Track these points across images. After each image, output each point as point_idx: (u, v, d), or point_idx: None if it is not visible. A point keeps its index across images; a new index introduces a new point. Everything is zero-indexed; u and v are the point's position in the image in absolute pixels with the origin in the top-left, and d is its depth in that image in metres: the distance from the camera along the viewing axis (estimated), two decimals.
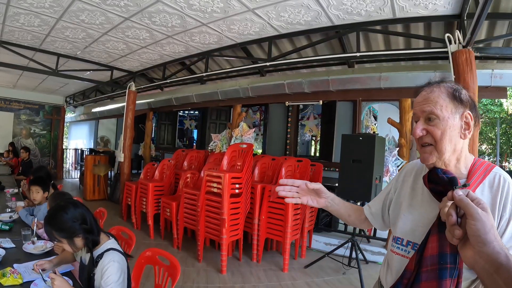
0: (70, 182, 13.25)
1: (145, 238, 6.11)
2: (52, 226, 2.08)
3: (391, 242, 1.51)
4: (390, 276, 1.46)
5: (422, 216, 1.40)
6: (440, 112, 1.30)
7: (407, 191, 1.53)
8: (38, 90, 12.49)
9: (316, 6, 4.38)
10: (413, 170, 1.59)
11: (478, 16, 3.18)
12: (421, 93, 1.39)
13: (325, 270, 5.06)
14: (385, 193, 1.70)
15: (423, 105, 1.34)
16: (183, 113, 13.02)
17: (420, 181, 1.47)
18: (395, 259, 1.44)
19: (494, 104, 18.79)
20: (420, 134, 1.33)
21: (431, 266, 1.21)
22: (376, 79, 5.43)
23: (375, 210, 1.74)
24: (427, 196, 1.41)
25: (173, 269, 2.26)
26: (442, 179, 1.24)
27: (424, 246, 1.26)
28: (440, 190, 1.26)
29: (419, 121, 1.35)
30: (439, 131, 1.30)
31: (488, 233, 0.85)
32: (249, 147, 5.47)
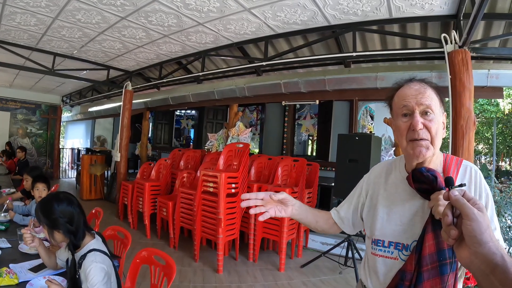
0: (67, 182, 13.23)
1: (141, 238, 6.10)
2: (41, 209, 2.13)
3: (370, 245, 1.51)
4: (376, 279, 1.46)
5: (400, 215, 1.41)
6: (435, 108, 1.33)
7: (379, 193, 1.53)
8: (35, 90, 12.46)
9: (312, 6, 4.38)
10: (382, 172, 1.60)
11: (474, 16, 3.19)
12: (410, 87, 1.38)
13: (322, 269, 5.07)
14: (355, 197, 1.69)
15: (420, 98, 1.33)
16: (180, 113, 13.00)
17: (392, 181, 1.51)
18: (378, 261, 1.45)
19: (490, 104, 18.82)
20: (421, 126, 1.30)
21: (432, 264, 1.24)
22: (373, 79, 5.45)
23: (344, 214, 1.72)
24: (404, 196, 1.42)
25: (169, 269, 2.26)
26: (428, 177, 1.27)
27: (421, 245, 1.27)
28: (426, 188, 1.29)
29: (415, 114, 1.32)
30: (436, 126, 1.32)
31: (483, 233, 0.84)
32: (246, 146, 5.48)
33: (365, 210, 1.60)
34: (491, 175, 5.26)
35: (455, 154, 3.83)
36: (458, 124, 3.90)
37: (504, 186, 4.81)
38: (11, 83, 11.28)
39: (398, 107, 1.39)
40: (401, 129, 1.36)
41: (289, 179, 5.56)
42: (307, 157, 7.68)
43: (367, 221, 1.57)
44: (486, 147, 23.85)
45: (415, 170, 1.35)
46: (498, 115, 19.23)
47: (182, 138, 13.33)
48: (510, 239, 4.15)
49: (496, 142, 19.93)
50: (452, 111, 4.00)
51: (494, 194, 4.44)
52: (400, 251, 1.38)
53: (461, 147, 3.87)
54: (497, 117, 19.33)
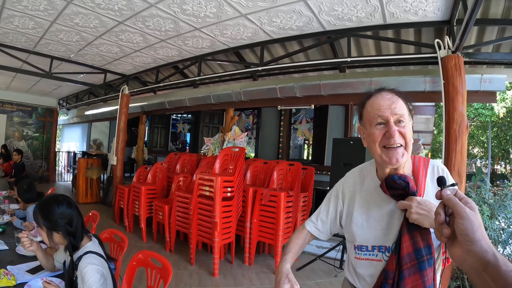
0: (63, 185, 13.17)
1: (137, 241, 6.10)
2: (40, 211, 2.14)
3: (353, 250, 1.56)
4: (363, 280, 1.52)
5: (378, 220, 1.48)
6: (407, 117, 1.41)
7: (356, 200, 1.59)
8: (31, 92, 12.43)
9: (307, 12, 4.43)
10: (356, 179, 1.67)
11: (467, 22, 3.23)
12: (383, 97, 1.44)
13: (317, 272, 5.09)
14: (331, 207, 1.74)
15: (393, 108, 1.39)
16: (176, 117, 13.00)
17: (366, 188, 1.58)
18: (364, 264, 1.51)
19: (485, 108, 18.88)
20: (398, 134, 1.37)
21: (411, 263, 1.32)
22: (367, 83, 5.47)
23: (322, 226, 1.76)
24: (379, 201, 1.49)
25: (165, 271, 2.28)
26: (400, 184, 1.37)
27: (399, 246, 1.35)
28: (400, 194, 1.39)
29: (390, 123, 1.37)
30: (409, 133, 1.39)
31: (476, 231, 0.86)
32: (241, 150, 5.50)
33: (343, 218, 1.66)
34: (486, 178, 5.32)
35: (448, 158, 3.91)
36: (451, 128, 3.93)
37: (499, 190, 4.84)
38: (8, 85, 11.27)
39: (372, 116, 1.44)
40: (375, 136, 1.41)
41: (284, 183, 5.59)
42: (302, 161, 7.73)
43: (346, 228, 1.63)
44: (481, 151, 23.94)
45: (388, 178, 1.43)
46: (493, 119, 19.29)
47: (178, 142, 13.33)
48: (503, 241, 4.19)
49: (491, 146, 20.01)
50: (445, 115, 4.04)
51: (488, 197, 4.49)
52: (383, 253, 1.44)
53: (454, 151, 3.90)
54: (492, 121, 19.39)
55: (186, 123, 13.13)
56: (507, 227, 4.25)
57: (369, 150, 1.48)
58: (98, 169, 9.84)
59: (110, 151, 9.70)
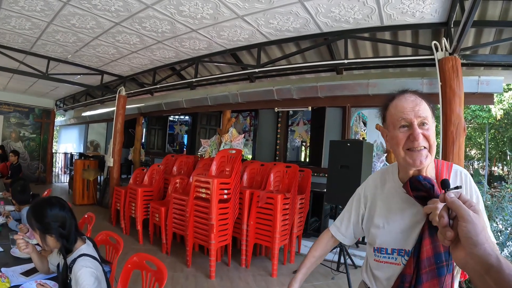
0: (60, 187, 13.14)
1: (134, 243, 6.08)
2: (33, 214, 2.12)
3: (373, 253, 1.56)
4: (380, 284, 1.52)
5: (400, 223, 1.47)
6: (430, 119, 1.39)
7: (377, 203, 1.60)
8: (28, 93, 12.41)
9: (304, 14, 4.42)
10: (377, 182, 1.67)
11: (464, 23, 3.24)
12: (406, 99, 1.43)
13: (314, 275, 5.07)
14: (353, 211, 1.76)
15: (417, 110, 1.38)
16: (173, 118, 12.99)
17: (388, 191, 1.58)
18: (382, 267, 1.51)
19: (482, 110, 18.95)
20: (422, 137, 1.35)
21: (429, 267, 1.32)
22: (364, 85, 5.48)
23: (345, 230, 1.80)
24: (401, 204, 1.49)
25: (160, 274, 2.26)
26: (425, 185, 1.33)
27: (419, 250, 1.35)
28: (423, 196, 1.35)
29: (414, 126, 1.36)
30: (432, 136, 1.38)
31: (479, 234, 0.86)
32: (238, 152, 5.49)
33: (364, 221, 1.67)
34: (483, 180, 5.32)
35: (445, 160, 3.89)
36: (448, 130, 3.94)
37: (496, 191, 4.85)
38: (4, 86, 11.25)
39: (395, 119, 1.43)
40: (399, 138, 1.40)
41: (281, 185, 5.57)
42: (300, 163, 7.71)
43: (367, 230, 1.64)
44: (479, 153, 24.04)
45: (412, 178, 1.39)
46: (490, 121, 19.36)
47: (175, 143, 13.31)
48: (501, 243, 4.19)
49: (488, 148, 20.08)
50: (442, 117, 4.04)
51: (486, 199, 4.49)
52: (402, 257, 1.44)
53: (451, 153, 3.91)
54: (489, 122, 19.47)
55: (183, 124, 13.12)
56: (504, 229, 4.26)
57: (393, 152, 1.49)
58: (95, 170, 9.82)
59: (107, 153, 9.65)
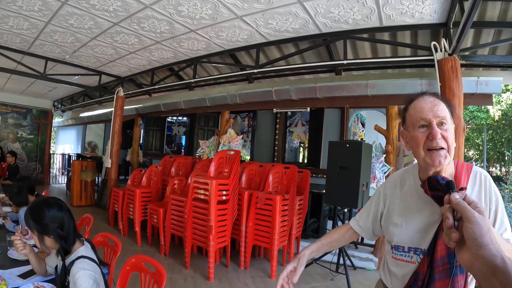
0: (57, 188, 13.12)
1: (132, 245, 6.06)
2: (31, 214, 2.11)
3: (390, 250, 1.60)
4: (396, 281, 1.56)
5: (417, 222, 1.49)
6: (449, 120, 1.42)
7: (396, 202, 1.63)
8: (26, 94, 12.36)
9: (303, 14, 4.41)
10: (397, 182, 1.69)
11: (464, 24, 3.24)
12: (425, 100, 1.45)
13: (313, 276, 5.07)
14: (373, 207, 1.79)
15: (436, 110, 1.40)
16: (172, 119, 12.98)
17: (407, 190, 1.59)
18: (399, 265, 1.54)
19: (480, 110, 19.01)
20: (440, 136, 1.37)
21: (443, 266, 1.34)
22: (363, 86, 5.47)
23: (364, 224, 1.83)
24: (419, 204, 1.51)
25: (158, 276, 2.24)
26: (443, 185, 1.31)
27: (433, 249, 1.38)
28: (441, 195, 1.32)
29: (433, 125, 1.39)
30: (451, 137, 1.39)
31: (484, 236, 0.85)
32: (236, 153, 5.48)
33: (383, 219, 1.71)
34: None
35: None
36: None
37: None
38: (2, 87, 11.20)
39: (415, 119, 1.45)
40: (418, 139, 1.42)
41: (280, 186, 5.56)
42: (298, 164, 7.69)
43: (385, 229, 1.68)
44: (477, 153, 24.08)
45: (430, 178, 1.40)
46: (488, 122, 19.42)
47: (173, 144, 13.30)
48: None
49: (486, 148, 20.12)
50: None
51: None
52: (418, 255, 1.47)
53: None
54: (487, 123, 19.52)
55: (182, 125, 13.10)
56: None
57: (413, 154, 1.50)
58: (92, 171, 9.80)
59: (104, 154, 9.63)
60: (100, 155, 12.95)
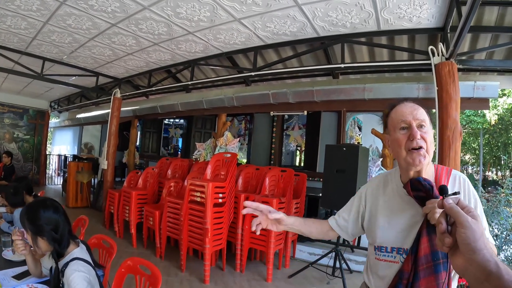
0: (53, 189, 13.05)
1: (127, 247, 6.03)
2: (26, 214, 2.11)
3: (373, 251, 1.65)
4: (380, 281, 1.60)
5: (400, 223, 1.55)
6: (428, 123, 1.52)
7: (379, 204, 1.68)
8: (23, 94, 12.33)
9: (301, 18, 4.42)
10: (379, 184, 1.76)
11: (461, 29, 3.24)
12: (406, 105, 1.56)
13: (309, 279, 5.06)
14: (354, 207, 1.84)
15: (415, 114, 1.50)
16: (168, 121, 12.94)
17: (390, 192, 1.67)
18: (382, 265, 1.59)
19: (477, 115, 19.06)
20: (419, 136, 1.46)
21: (427, 264, 1.40)
22: (361, 90, 5.48)
23: (343, 222, 1.87)
24: (402, 205, 1.58)
25: (154, 279, 2.23)
26: (425, 186, 1.42)
27: (417, 248, 1.43)
28: (423, 196, 1.44)
29: (413, 126, 1.48)
30: (430, 138, 1.50)
31: (478, 241, 0.85)
32: (233, 156, 5.47)
33: (365, 220, 1.76)
34: (478, 185, 5.34)
35: (441, 164, 3.89)
36: (445, 134, 3.95)
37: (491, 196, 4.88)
38: None
39: (396, 122, 1.54)
40: (399, 140, 1.51)
41: (276, 189, 5.55)
42: (295, 168, 7.70)
43: (368, 230, 1.73)
44: (473, 158, 24.15)
45: (413, 179, 1.48)
46: (485, 126, 19.47)
47: (170, 147, 13.27)
48: (498, 248, 4.20)
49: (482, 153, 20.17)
50: (438, 122, 4.05)
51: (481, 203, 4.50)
52: (401, 255, 1.52)
53: (447, 157, 3.91)
54: (483, 128, 19.57)
55: (178, 128, 13.07)
56: (500, 233, 4.27)
57: (395, 156, 1.59)
58: (88, 173, 9.76)
59: (101, 155, 9.61)
60: (97, 156, 12.93)
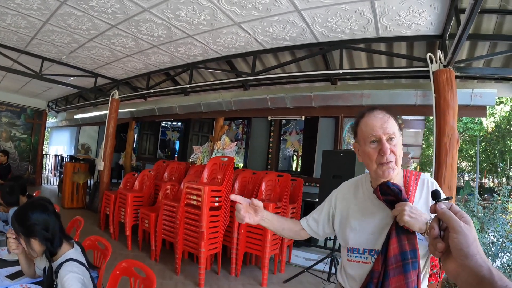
0: (49, 189, 13.00)
1: (122, 249, 6.01)
2: (16, 218, 2.09)
3: (346, 253, 1.70)
4: (353, 282, 1.66)
5: (371, 225, 1.62)
6: (397, 134, 1.57)
7: (350, 207, 1.75)
8: (21, 93, 12.29)
9: (301, 23, 4.43)
10: (350, 189, 1.83)
11: (460, 37, 3.27)
12: (375, 116, 1.60)
13: (305, 285, 5.05)
14: (324, 209, 1.92)
15: (385, 128, 1.55)
16: (166, 124, 12.92)
17: (360, 197, 1.73)
18: (355, 266, 1.65)
19: (474, 122, 19.12)
20: (389, 152, 1.52)
21: (396, 264, 1.45)
22: (358, 96, 5.50)
23: (312, 224, 1.94)
24: (372, 208, 1.64)
25: (149, 281, 2.22)
26: (394, 190, 1.51)
27: (387, 248, 1.49)
28: (392, 200, 1.52)
29: (383, 141, 1.53)
30: (399, 150, 1.56)
31: (470, 246, 0.85)
32: (230, 160, 5.46)
33: (336, 223, 1.81)
34: (475, 192, 5.35)
35: (438, 171, 3.93)
36: (442, 141, 3.96)
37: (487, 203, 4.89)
38: None
39: (366, 135, 1.59)
40: (370, 154, 1.57)
41: (273, 194, 5.55)
42: (291, 173, 7.69)
43: (340, 233, 1.78)
44: (470, 165, 24.22)
45: (382, 184, 1.56)
46: (482, 134, 19.53)
47: (167, 149, 13.24)
48: (493, 255, 4.20)
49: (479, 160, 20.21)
50: (436, 128, 4.06)
51: (478, 210, 4.51)
52: (372, 256, 1.58)
53: (444, 163, 3.92)
54: (480, 135, 19.62)
55: (176, 131, 13.05)
56: (496, 241, 4.28)
57: (365, 166, 1.65)
58: (85, 174, 9.73)
59: (98, 156, 9.60)
60: (93, 157, 12.90)
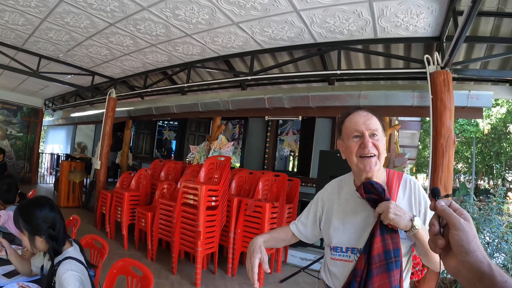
0: (45, 188, 12.96)
1: (119, 248, 5.99)
2: (21, 215, 2.07)
3: (329, 252, 1.72)
4: (336, 280, 1.66)
5: (354, 224, 1.64)
6: (380, 132, 1.62)
7: (334, 207, 1.76)
8: (17, 91, 12.23)
9: (299, 23, 4.44)
10: (334, 189, 1.85)
11: (457, 39, 3.29)
12: (360, 114, 1.65)
13: (301, 284, 5.05)
14: (311, 212, 1.92)
15: (368, 124, 1.60)
16: (163, 123, 12.93)
17: (344, 196, 1.76)
18: (338, 264, 1.66)
19: (470, 124, 19.22)
20: (371, 145, 1.56)
21: (380, 263, 1.48)
22: (356, 97, 5.50)
23: (301, 227, 1.95)
24: (355, 207, 1.67)
25: (146, 280, 2.22)
26: (377, 189, 1.53)
27: (370, 247, 1.51)
28: (375, 198, 1.55)
29: (365, 135, 1.58)
30: (382, 146, 1.60)
31: (470, 242, 0.85)
32: (227, 160, 5.46)
33: (322, 223, 1.83)
34: (470, 193, 5.37)
35: (435, 172, 3.94)
36: (438, 142, 3.97)
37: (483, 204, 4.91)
38: None
39: (350, 131, 1.64)
40: (351, 147, 1.61)
41: (269, 194, 5.55)
42: (288, 173, 7.70)
43: (324, 232, 1.81)
44: (466, 166, 24.34)
45: (365, 182, 1.59)
46: (478, 135, 19.64)
47: (163, 149, 13.25)
48: (489, 255, 4.21)
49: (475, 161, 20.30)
50: (432, 130, 4.08)
51: (473, 211, 4.53)
52: (355, 254, 1.60)
53: (441, 165, 3.93)
54: (476, 137, 19.74)
55: (172, 130, 13.07)
56: (492, 241, 4.30)
57: (348, 162, 1.68)
58: (81, 172, 9.70)
59: (94, 155, 9.58)
60: (90, 156, 12.86)
